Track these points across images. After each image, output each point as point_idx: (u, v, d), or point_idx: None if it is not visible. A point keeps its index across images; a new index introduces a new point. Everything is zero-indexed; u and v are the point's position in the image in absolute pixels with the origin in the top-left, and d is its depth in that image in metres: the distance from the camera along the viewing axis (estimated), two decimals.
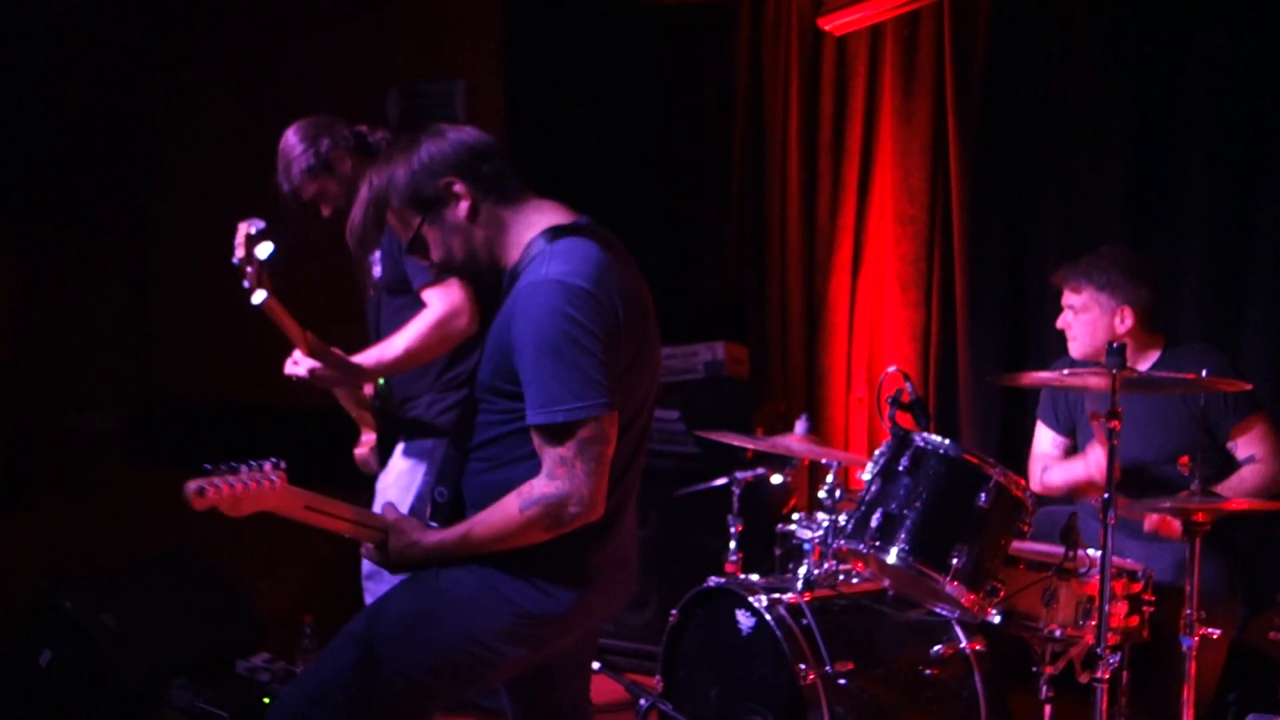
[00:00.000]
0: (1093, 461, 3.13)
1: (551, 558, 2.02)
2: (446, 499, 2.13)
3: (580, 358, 1.93)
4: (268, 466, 1.97)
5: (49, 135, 5.36)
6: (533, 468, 1.99)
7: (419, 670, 2.04)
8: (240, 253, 2.78)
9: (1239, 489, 3.06)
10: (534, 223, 2.10)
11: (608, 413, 1.95)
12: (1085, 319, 3.20)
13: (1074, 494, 3.30)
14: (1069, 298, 3.24)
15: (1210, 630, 2.67)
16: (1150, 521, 3.04)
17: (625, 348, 2.02)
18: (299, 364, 2.91)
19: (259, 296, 2.80)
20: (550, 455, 1.95)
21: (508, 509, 1.98)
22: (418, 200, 2.08)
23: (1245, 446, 3.10)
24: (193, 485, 1.90)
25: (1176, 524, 2.94)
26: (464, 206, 2.08)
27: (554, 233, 2.08)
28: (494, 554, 2.02)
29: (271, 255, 2.78)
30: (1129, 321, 3.16)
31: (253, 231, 2.78)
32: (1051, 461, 3.38)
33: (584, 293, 1.96)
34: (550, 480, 1.95)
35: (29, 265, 5.56)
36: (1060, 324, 3.28)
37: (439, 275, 2.43)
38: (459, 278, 2.20)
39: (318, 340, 2.93)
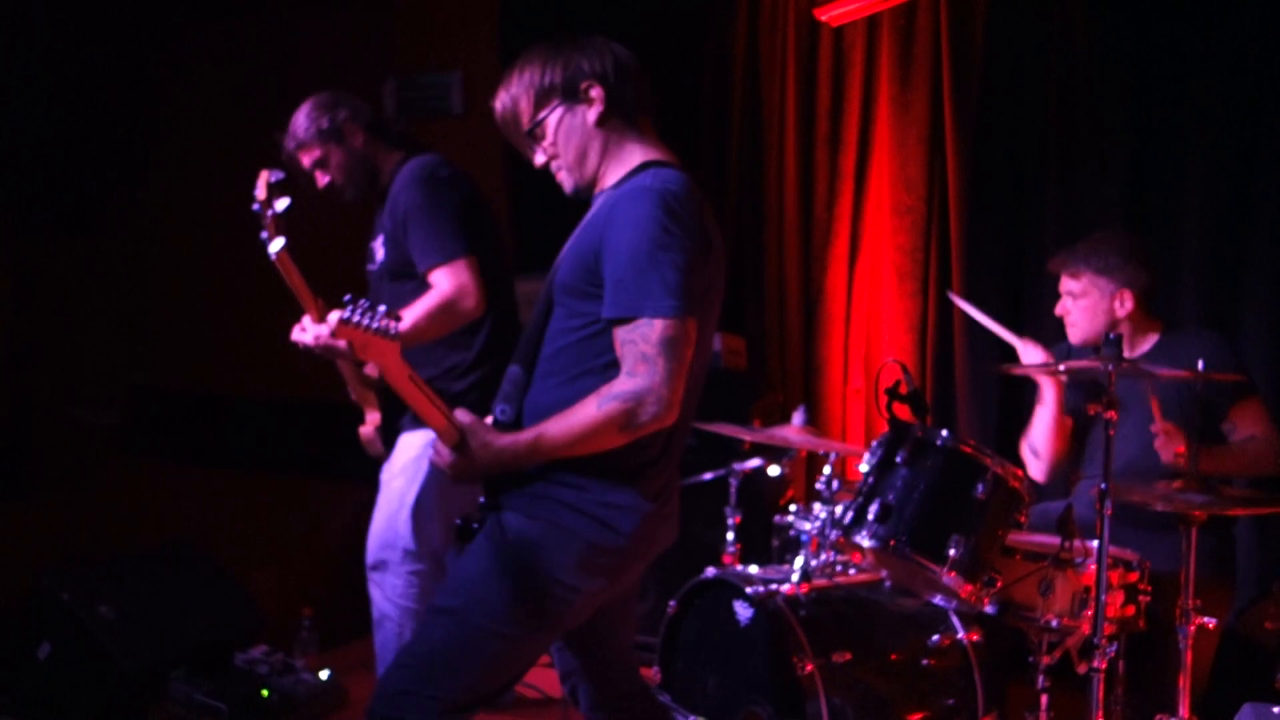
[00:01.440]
0: (1048, 397, 3.18)
1: (611, 489, 2.08)
2: (510, 416, 2.18)
3: (672, 262, 2.00)
4: (393, 321, 1.99)
5: (45, 129, 5.36)
6: (600, 382, 2.04)
7: (508, 624, 2.09)
8: (261, 195, 2.75)
9: (1236, 458, 3.06)
10: (644, 153, 2.21)
11: (692, 318, 2.02)
12: (1084, 304, 3.20)
13: (1058, 440, 3.28)
14: (1067, 284, 3.24)
15: (1206, 619, 2.68)
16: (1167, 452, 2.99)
17: (705, 273, 2.10)
18: (306, 330, 2.88)
19: (276, 244, 2.76)
20: (632, 352, 2.00)
21: (585, 407, 2.02)
22: (562, 87, 2.20)
23: (1243, 426, 3.10)
24: (340, 315, 1.94)
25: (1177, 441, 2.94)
26: (595, 111, 2.20)
27: (658, 164, 2.18)
28: (552, 496, 2.07)
29: (289, 208, 2.76)
30: (1129, 305, 3.17)
31: (274, 180, 2.77)
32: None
33: (682, 206, 2.05)
34: (631, 377, 1.99)
35: (25, 258, 5.56)
36: (1059, 311, 3.28)
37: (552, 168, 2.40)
38: (561, 179, 2.25)
39: (328, 307, 2.91)
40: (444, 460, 2.13)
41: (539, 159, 2.26)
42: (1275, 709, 2.42)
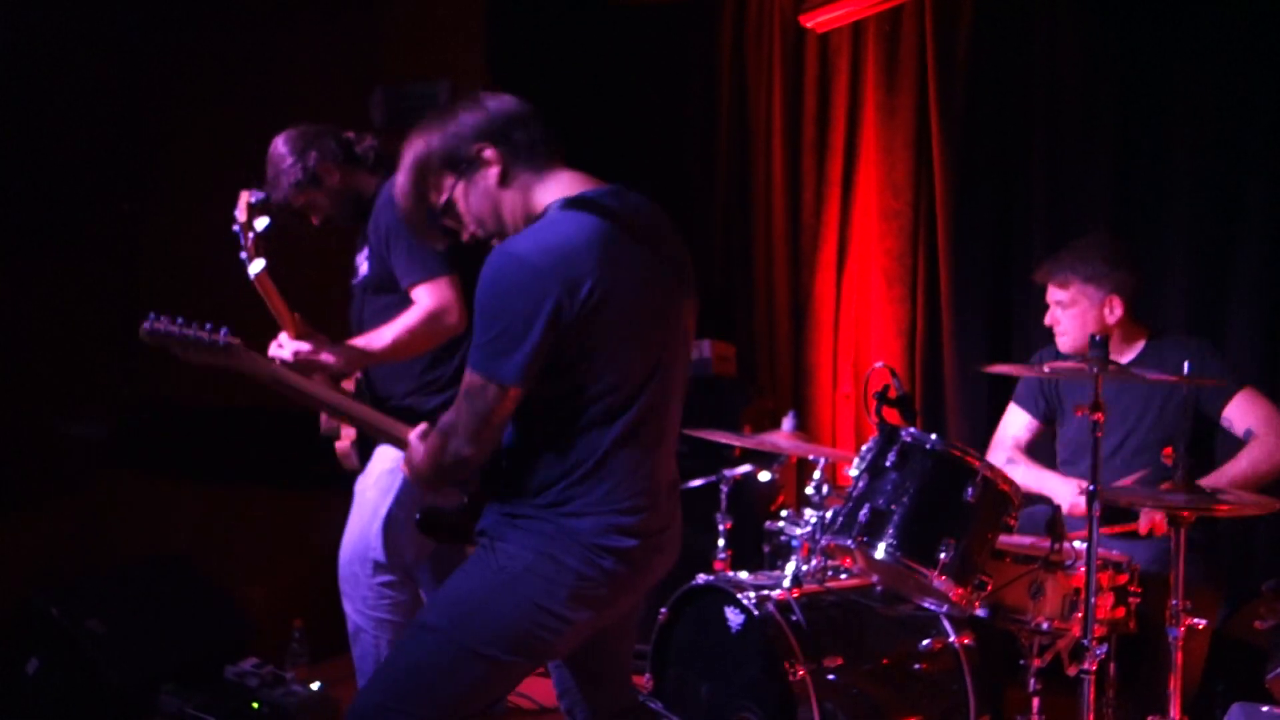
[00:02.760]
0: (1066, 493, 3.12)
1: (596, 524, 2.09)
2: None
3: (504, 329, 2.00)
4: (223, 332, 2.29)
5: (33, 139, 5.34)
6: (537, 431, 2.10)
7: (493, 648, 2.09)
8: (241, 217, 2.78)
9: (1248, 472, 3.02)
10: (556, 191, 2.15)
11: (508, 386, 2.01)
12: (1074, 313, 3.19)
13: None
14: (1055, 294, 3.23)
15: (1196, 620, 2.68)
16: (1145, 524, 3.02)
17: (593, 321, 2.03)
18: (283, 346, 2.90)
19: (256, 266, 2.80)
20: (460, 389, 2.07)
21: (425, 442, 2.14)
22: (452, 162, 2.15)
23: (1240, 420, 3.09)
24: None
25: (1162, 522, 2.94)
26: (494, 172, 2.15)
27: (565, 203, 2.13)
28: (540, 526, 2.09)
29: (268, 228, 2.78)
30: (1118, 311, 3.17)
31: (254, 200, 2.79)
32: (1019, 455, 3.38)
33: (536, 270, 1.99)
34: (447, 412, 2.08)
35: (13, 270, 5.54)
36: (1048, 321, 3.26)
37: (473, 240, 2.43)
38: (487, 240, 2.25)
39: (304, 323, 2.92)
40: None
41: (465, 234, 2.23)
42: (1265, 709, 2.43)
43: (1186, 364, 2.74)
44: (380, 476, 3.06)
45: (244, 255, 2.81)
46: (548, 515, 2.09)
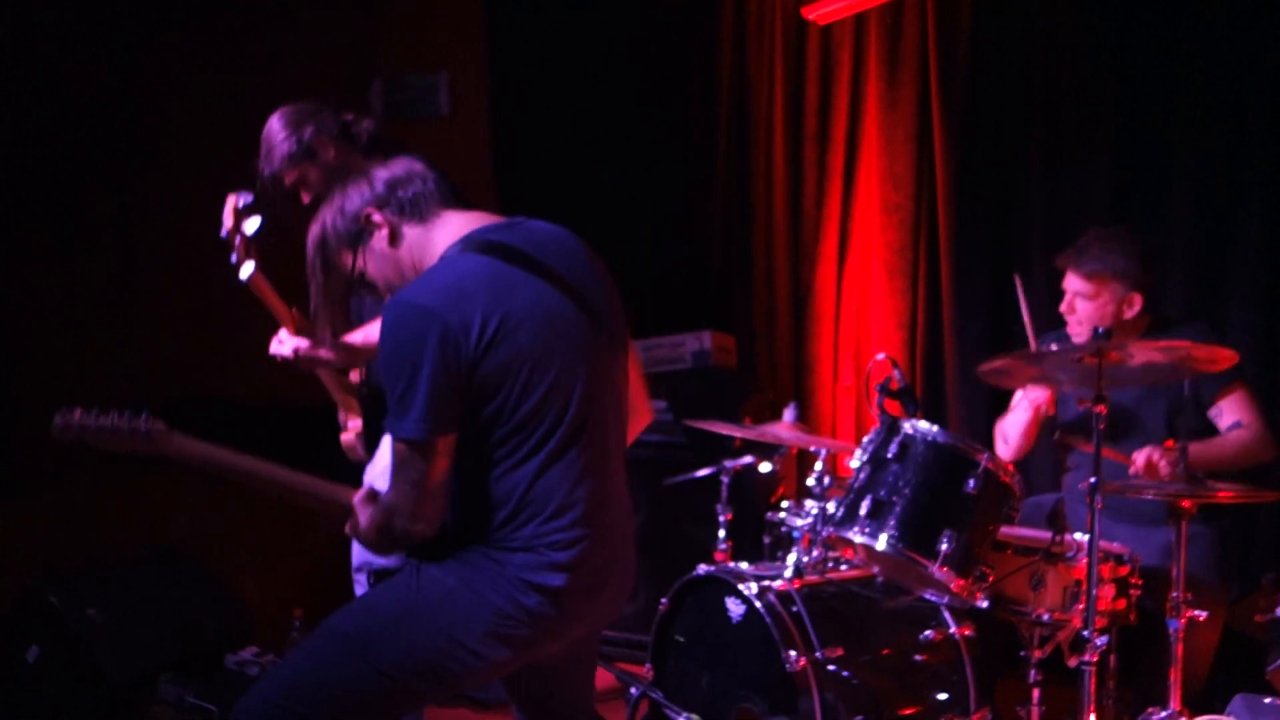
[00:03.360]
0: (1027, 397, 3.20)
1: (527, 560, 2.03)
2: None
3: (408, 383, 1.98)
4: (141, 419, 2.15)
5: (29, 129, 5.33)
6: (460, 470, 2.05)
7: (398, 670, 2.05)
8: (229, 223, 2.77)
9: (1224, 448, 3.06)
10: (448, 236, 2.15)
11: (425, 439, 1.98)
12: (1095, 305, 3.14)
13: (1026, 438, 3.30)
14: (1077, 283, 3.16)
15: (1197, 613, 2.69)
16: (1138, 463, 2.97)
17: (493, 355, 2.00)
18: (284, 343, 2.89)
19: (247, 269, 2.79)
20: (393, 464, 2.04)
21: (364, 510, 2.11)
22: (347, 238, 2.19)
23: (1230, 413, 3.10)
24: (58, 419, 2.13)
25: (1164, 466, 2.93)
26: (384, 234, 2.17)
27: (464, 244, 2.11)
28: (470, 556, 2.05)
29: (259, 230, 2.77)
30: (1136, 307, 3.15)
31: (241, 205, 2.78)
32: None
33: (424, 313, 1.99)
34: (388, 491, 2.06)
35: (11, 260, 5.53)
36: (1064, 308, 3.21)
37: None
38: None
39: (303, 318, 2.91)
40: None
41: (386, 295, 2.22)
42: (1267, 700, 2.43)
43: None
44: (387, 467, 3.04)
45: (234, 258, 2.79)
46: (480, 548, 2.05)
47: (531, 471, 2.03)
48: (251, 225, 2.78)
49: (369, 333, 2.92)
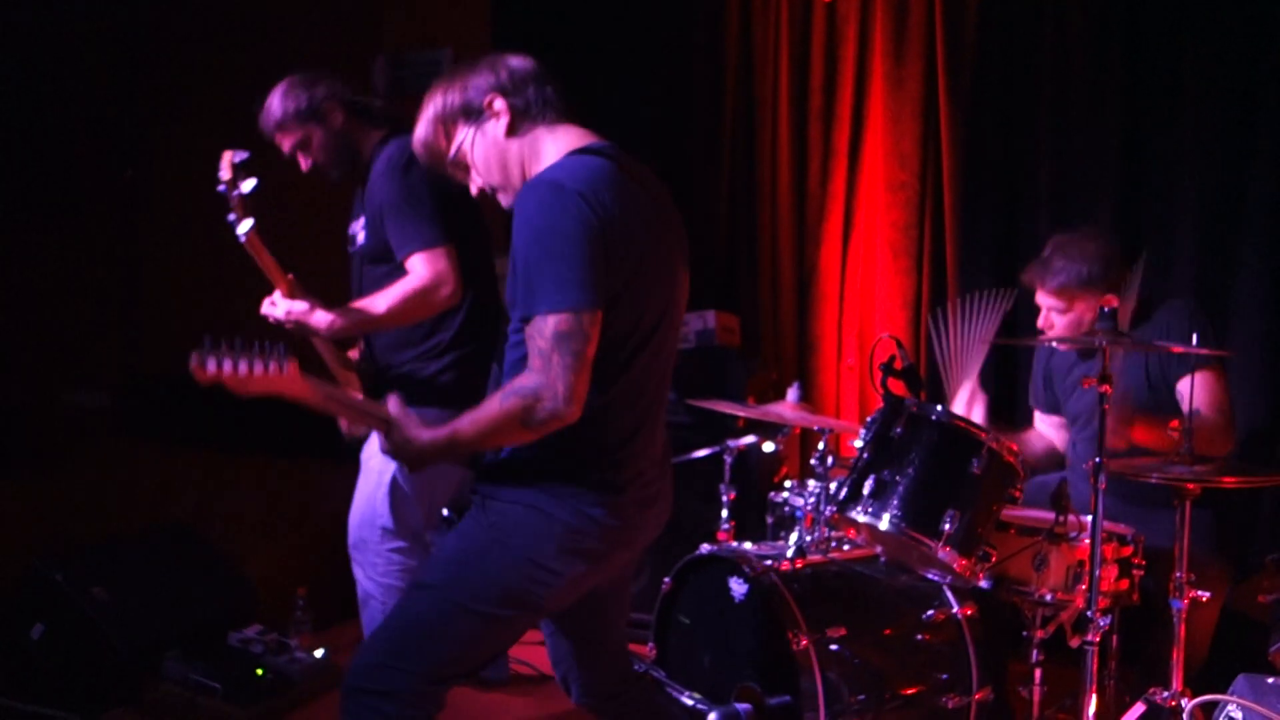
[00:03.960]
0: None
1: (590, 475, 2.11)
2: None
3: (562, 254, 1.98)
4: (275, 357, 2.05)
5: (34, 111, 5.32)
6: None
7: (488, 604, 2.11)
8: (226, 175, 2.75)
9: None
10: (563, 145, 2.19)
11: (587, 311, 1.98)
12: (1071, 316, 3.11)
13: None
14: (1048, 299, 3.13)
15: (1200, 593, 2.68)
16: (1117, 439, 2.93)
17: (623, 255, 2.04)
18: (276, 305, 2.88)
19: (245, 226, 2.77)
20: (532, 348, 2.00)
21: (490, 403, 2.03)
22: (465, 112, 2.20)
23: (1193, 397, 3.06)
24: (197, 357, 2.02)
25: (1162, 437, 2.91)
26: (503, 123, 2.19)
27: (583, 150, 2.16)
28: (532, 480, 2.10)
29: (255, 189, 2.76)
30: (1114, 304, 3.13)
31: (237, 160, 2.76)
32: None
33: (571, 193, 2.00)
34: (529, 373, 1.99)
35: (16, 240, 5.53)
36: (1042, 324, 3.17)
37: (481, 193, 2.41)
38: (500, 199, 2.27)
39: (298, 284, 2.91)
40: (382, 445, 2.18)
41: (474, 187, 2.26)
42: (1270, 680, 2.43)
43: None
44: (378, 451, 3.04)
45: (232, 217, 2.78)
46: (538, 471, 2.11)
47: (616, 388, 2.10)
48: (248, 185, 2.77)
49: (365, 304, 2.91)
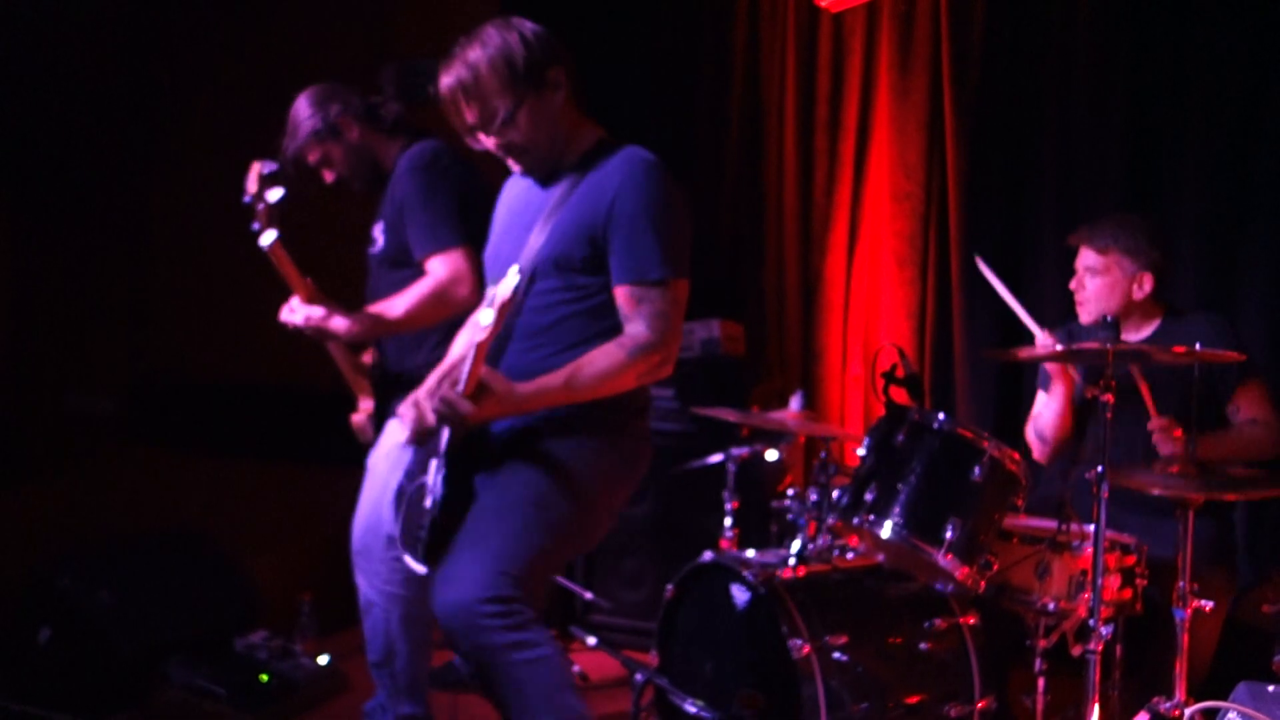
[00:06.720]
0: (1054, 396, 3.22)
1: (637, 413, 2.39)
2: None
3: (676, 229, 2.24)
4: None
5: (44, 115, 5.35)
6: (603, 344, 2.27)
7: (568, 525, 2.33)
8: (252, 188, 2.82)
9: (1237, 442, 3.07)
10: (593, 129, 2.40)
11: (685, 277, 2.27)
12: (1104, 281, 3.16)
13: (1063, 428, 3.29)
14: (1089, 258, 3.19)
15: (1203, 603, 2.68)
16: (1157, 424, 3.00)
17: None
18: (295, 311, 2.91)
19: (269, 237, 2.83)
20: (649, 310, 2.23)
21: (614, 354, 2.24)
22: (530, 77, 2.27)
23: (1247, 410, 3.10)
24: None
25: (1165, 445, 2.96)
26: (562, 96, 2.32)
27: (611, 140, 2.37)
28: (597, 417, 2.30)
29: (281, 199, 2.81)
30: (1147, 288, 3.15)
31: (265, 172, 2.82)
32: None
33: (670, 176, 2.26)
34: (651, 331, 2.23)
35: (24, 245, 5.56)
36: (1073, 285, 3.23)
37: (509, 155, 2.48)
38: (523, 162, 2.40)
39: (317, 289, 2.93)
40: (428, 418, 2.30)
41: (490, 144, 2.31)
42: (1271, 687, 2.43)
43: (1199, 344, 2.73)
44: (390, 450, 3.05)
45: (255, 226, 2.83)
46: (579, 415, 2.30)
47: None
48: (275, 194, 2.82)
49: (383, 308, 2.93)
